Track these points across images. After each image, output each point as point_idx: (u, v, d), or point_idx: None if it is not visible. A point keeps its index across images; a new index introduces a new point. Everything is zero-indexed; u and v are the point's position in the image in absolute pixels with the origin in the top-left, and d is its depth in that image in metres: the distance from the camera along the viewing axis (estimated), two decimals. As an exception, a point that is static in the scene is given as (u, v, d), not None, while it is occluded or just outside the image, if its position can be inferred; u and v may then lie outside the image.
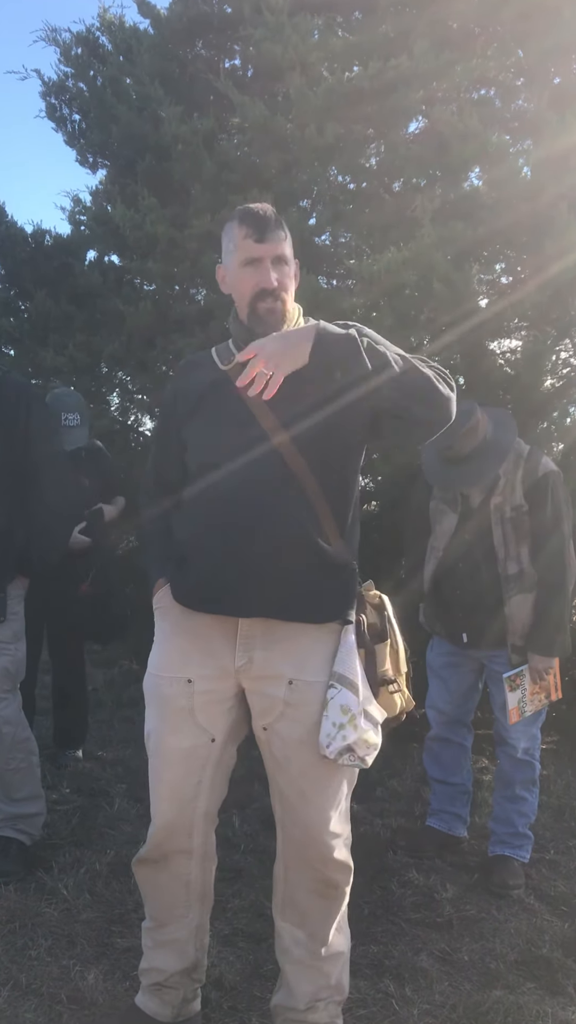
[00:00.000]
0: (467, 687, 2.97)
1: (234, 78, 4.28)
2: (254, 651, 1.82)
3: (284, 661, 1.80)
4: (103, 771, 3.46)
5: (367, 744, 1.75)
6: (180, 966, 1.94)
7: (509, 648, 2.77)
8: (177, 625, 1.88)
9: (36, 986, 2.11)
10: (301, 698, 1.79)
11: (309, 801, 1.83)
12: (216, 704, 1.85)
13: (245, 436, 1.80)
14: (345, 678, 1.76)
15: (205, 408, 1.88)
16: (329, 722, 1.74)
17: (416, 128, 4.30)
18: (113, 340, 4.12)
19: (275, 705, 1.81)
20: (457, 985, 2.22)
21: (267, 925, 2.37)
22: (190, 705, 1.84)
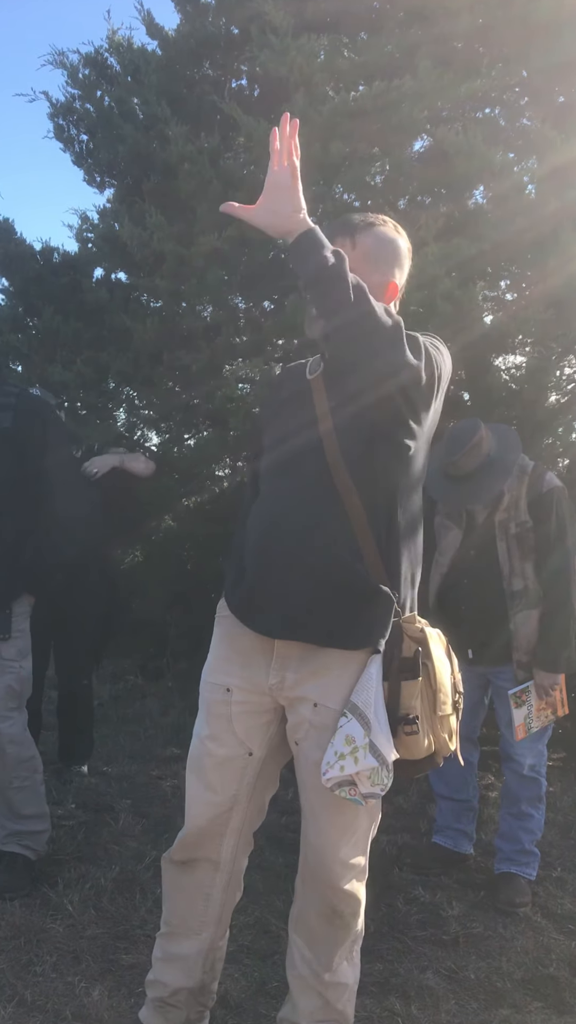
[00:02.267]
0: (473, 704, 2.95)
1: (240, 98, 4.33)
2: (287, 672, 1.81)
3: (312, 684, 1.79)
4: (108, 787, 3.45)
5: (371, 781, 1.67)
6: (186, 985, 1.92)
7: (514, 664, 2.76)
8: (227, 635, 1.90)
9: (41, 1002, 2.10)
10: (323, 722, 1.77)
11: (320, 824, 1.81)
12: (252, 717, 1.84)
13: (303, 446, 1.78)
14: (357, 708, 1.70)
15: (281, 417, 1.88)
16: (332, 750, 1.70)
17: (421, 146, 4.35)
18: (120, 356, 4.15)
19: (302, 724, 1.81)
20: (463, 1004, 2.21)
21: (272, 942, 2.38)
22: (228, 714, 1.84)
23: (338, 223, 1.84)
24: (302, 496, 1.77)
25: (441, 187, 4.11)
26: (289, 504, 1.78)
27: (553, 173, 3.70)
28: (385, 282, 1.79)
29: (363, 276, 1.65)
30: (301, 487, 1.77)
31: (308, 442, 1.78)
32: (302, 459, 1.79)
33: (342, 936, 1.86)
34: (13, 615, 2.63)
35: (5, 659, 2.63)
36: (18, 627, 2.65)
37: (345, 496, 1.74)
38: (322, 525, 1.75)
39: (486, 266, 3.97)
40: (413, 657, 1.76)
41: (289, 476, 1.80)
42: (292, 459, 1.80)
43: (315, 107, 3.80)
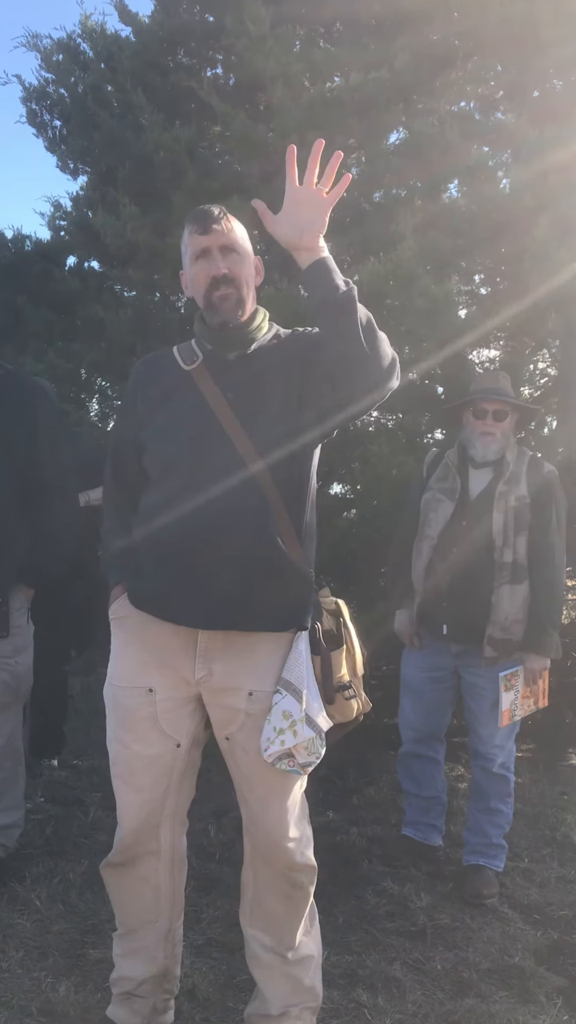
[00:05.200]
0: (443, 703, 2.97)
1: (216, 87, 4.29)
2: (214, 663, 1.81)
3: (244, 673, 1.81)
4: (78, 780, 3.45)
5: (308, 751, 1.76)
6: (149, 973, 1.94)
7: (485, 639, 2.75)
8: (135, 636, 1.87)
9: (7, 999, 2.09)
10: (261, 708, 1.80)
11: (270, 808, 1.84)
12: (178, 710, 1.85)
13: (206, 440, 1.80)
14: (290, 684, 1.77)
15: (165, 410, 1.87)
16: (270, 727, 1.76)
17: (397, 139, 4.33)
18: (93, 347, 4.11)
19: (236, 716, 1.82)
20: (430, 994, 2.23)
21: (240, 936, 2.36)
22: (153, 713, 1.84)
23: (219, 213, 1.84)
24: (216, 487, 1.77)
25: (417, 180, 4.11)
26: (204, 496, 1.77)
27: (528, 169, 3.70)
28: (255, 259, 1.89)
29: (247, 253, 1.85)
30: (213, 478, 1.78)
31: (212, 434, 1.79)
32: (209, 451, 1.79)
33: (302, 909, 1.91)
34: (11, 611, 2.58)
35: (1, 655, 2.59)
36: (15, 623, 2.60)
37: (263, 484, 1.78)
38: (242, 514, 1.77)
39: (461, 260, 3.98)
40: (336, 629, 1.89)
41: (197, 468, 1.79)
42: (196, 452, 1.80)
43: (292, 98, 3.79)
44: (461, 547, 2.81)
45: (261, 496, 1.78)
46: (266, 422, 1.79)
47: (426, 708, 2.96)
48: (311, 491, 1.90)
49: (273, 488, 1.79)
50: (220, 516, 1.77)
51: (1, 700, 2.60)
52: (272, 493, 1.79)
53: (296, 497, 1.84)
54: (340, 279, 1.69)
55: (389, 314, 3.76)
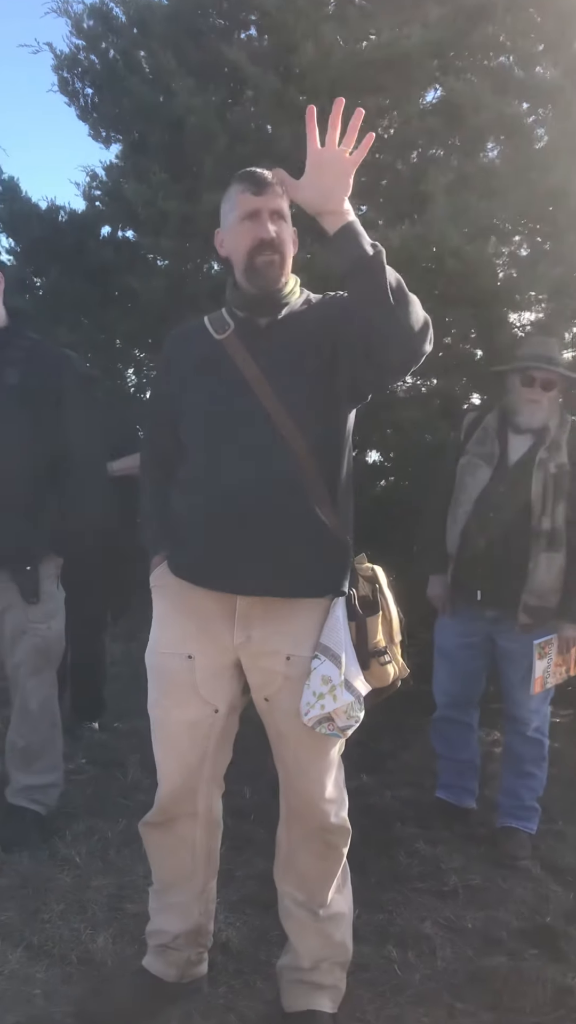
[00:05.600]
0: (476, 669, 2.97)
1: (248, 49, 4.23)
2: (252, 629, 1.84)
3: (282, 637, 1.83)
4: (118, 742, 3.52)
5: (347, 715, 1.78)
6: (184, 928, 2.00)
7: (521, 606, 2.74)
8: (175, 603, 1.91)
9: (48, 948, 2.18)
10: (299, 671, 1.82)
11: (307, 770, 1.87)
12: (217, 677, 1.88)
13: (240, 406, 1.80)
14: (329, 649, 1.79)
15: (199, 380, 1.88)
16: (310, 691, 1.78)
17: (432, 98, 4.24)
18: (127, 317, 4.12)
19: (274, 679, 1.85)
20: (460, 951, 2.26)
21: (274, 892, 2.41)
22: (192, 679, 1.87)
23: (272, 178, 1.81)
24: (252, 456, 1.79)
25: (453, 140, 4.02)
26: (241, 465, 1.79)
27: (567, 124, 3.61)
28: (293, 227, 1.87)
29: (289, 219, 1.83)
30: (249, 448, 1.79)
31: (245, 402, 1.79)
32: (243, 421, 1.80)
33: (335, 868, 1.94)
34: (40, 577, 2.64)
35: (32, 621, 2.66)
36: (46, 590, 2.66)
37: (298, 452, 1.78)
38: (279, 482, 1.78)
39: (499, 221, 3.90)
40: (372, 595, 1.91)
41: (232, 437, 1.80)
42: (230, 422, 1.81)
43: (323, 59, 3.72)
44: (498, 513, 2.79)
45: (296, 463, 1.79)
46: (299, 388, 1.79)
47: (460, 674, 2.96)
48: (347, 457, 1.90)
49: (308, 455, 1.79)
50: (256, 484, 1.78)
51: (34, 664, 2.67)
52: (307, 460, 1.79)
53: (331, 463, 1.85)
54: (367, 242, 1.66)
55: (423, 277, 3.71)
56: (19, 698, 2.73)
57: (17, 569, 2.61)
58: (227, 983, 2.10)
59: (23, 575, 2.62)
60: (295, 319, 1.86)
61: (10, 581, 2.62)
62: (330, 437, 1.84)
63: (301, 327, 1.84)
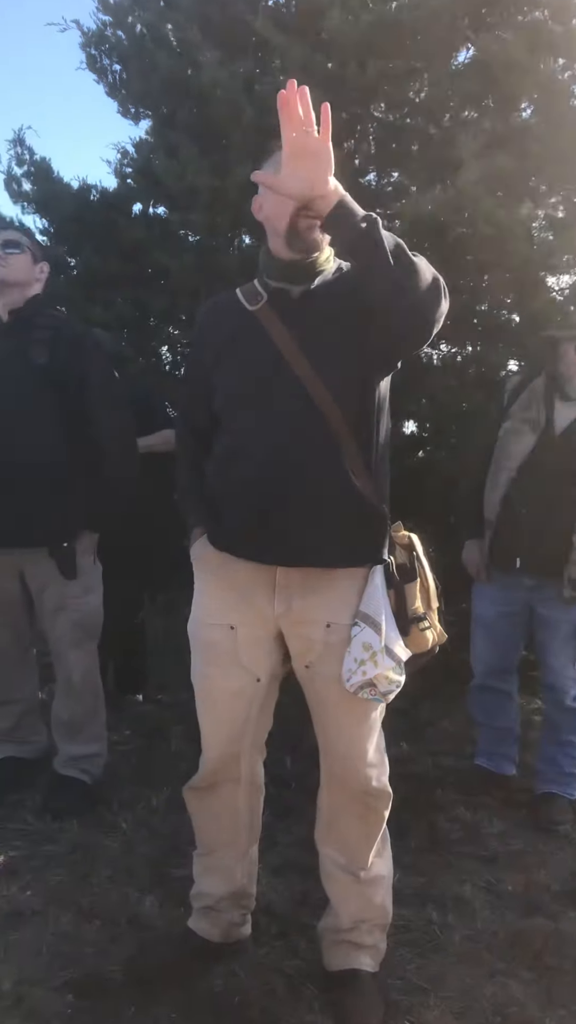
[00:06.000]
0: (515, 637, 2.95)
1: (275, 17, 4.19)
2: (292, 599, 1.86)
3: (321, 606, 1.86)
4: (161, 713, 3.59)
5: (388, 680, 1.80)
6: (227, 890, 2.06)
7: (565, 578, 2.72)
8: (216, 575, 1.93)
9: (98, 910, 2.25)
10: (339, 639, 1.85)
11: (347, 735, 1.90)
12: (258, 646, 1.91)
13: (275, 379, 1.81)
14: (369, 617, 1.81)
15: (233, 353, 1.88)
16: (351, 658, 1.81)
17: (465, 58, 4.15)
18: (160, 294, 4.14)
19: (314, 646, 1.88)
20: (499, 914, 2.29)
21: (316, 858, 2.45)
22: (235, 649, 1.91)
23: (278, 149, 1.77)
24: (288, 427, 1.79)
25: (487, 101, 3.94)
26: (276, 436, 1.80)
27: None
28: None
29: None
30: (284, 417, 1.79)
31: (280, 373, 1.79)
32: (277, 390, 1.80)
33: (376, 831, 1.98)
34: (77, 553, 2.70)
35: (70, 596, 2.72)
36: (83, 565, 2.72)
37: (333, 422, 1.78)
38: (315, 451, 1.79)
39: (534, 183, 3.83)
40: (409, 563, 1.93)
41: (268, 408, 1.81)
42: (265, 393, 1.81)
43: (351, 22, 3.67)
44: (541, 482, 2.76)
45: (332, 433, 1.79)
46: (333, 358, 1.79)
47: (497, 642, 2.96)
48: (383, 425, 1.90)
49: (343, 424, 1.80)
50: (293, 455, 1.79)
51: (74, 638, 2.73)
52: (343, 429, 1.80)
53: (367, 432, 1.85)
54: (360, 216, 1.63)
55: (457, 243, 3.66)
56: (62, 671, 2.80)
57: (54, 546, 2.67)
58: (270, 944, 2.16)
59: (60, 551, 2.67)
60: (328, 288, 1.85)
61: (48, 558, 2.67)
62: (365, 406, 1.84)
63: (334, 296, 1.83)
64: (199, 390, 1.97)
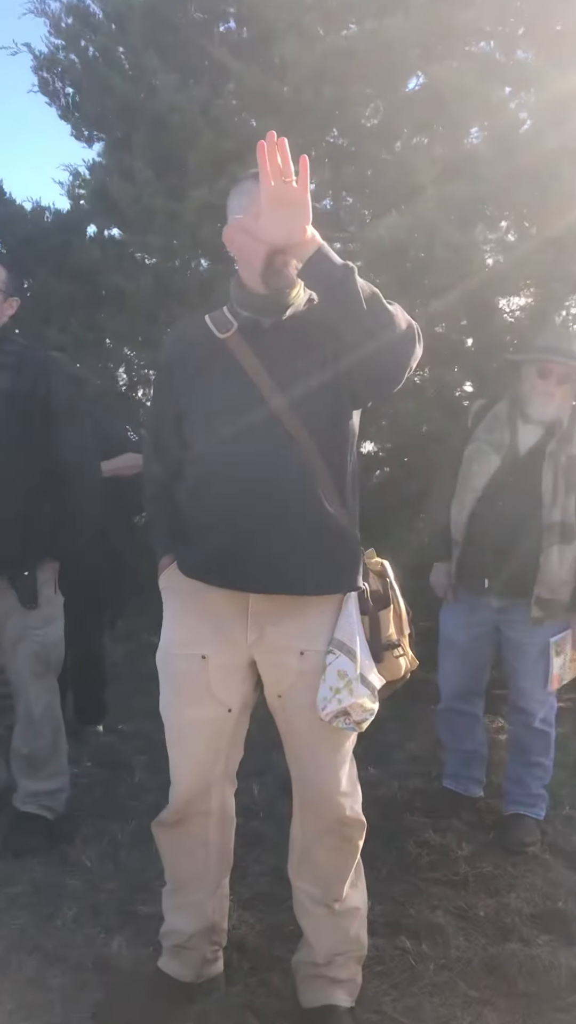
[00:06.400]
0: (483, 659, 2.95)
1: (229, 42, 4.22)
2: (265, 626, 1.84)
3: (295, 634, 1.84)
4: (124, 744, 3.52)
5: (363, 709, 1.80)
6: (198, 927, 2.01)
7: (533, 599, 2.74)
8: (187, 604, 1.90)
9: (62, 953, 2.18)
10: (313, 667, 1.83)
11: (322, 764, 1.88)
12: (231, 676, 1.88)
13: (245, 405, 1.80)
14: (344, 644, 1.81)
15: (203, 379, 1.86)
16: (326, 686, 1.79)
17: (415, 85, 4.22)
18: (116, 316, 4.11)
19: (288, 674, 1.86)
20: (473, 940, 2.27)
21: (286, 888, 2.41)
22: (206, 679, 1.87)
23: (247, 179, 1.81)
24: (259, 454, 1.78)
25: (438, 126, 4.01)
26: (248, 463, 1.79)
27: (551, 107, 3.59)
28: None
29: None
30: (255, 446, 1.78)
31: (251, 401, 1.79)
32: (248, 418, 1.79)
33: (350, 862, 1.96)
34: (38, 583, 2.64)
35: (30, 627, 2.65)
36: (44, 595, 2.66)
37: (306, 450, 1.78)
38: (287, 479, 1.78)
39: (485, 208, 3.89)
40: (383, 589, 1.93)
41: (239, 436, 1.79)
42: (235, 420, 1.79)
43: (306, 49, 3.70)
44: (507, 502, 2.77)
45: (304, 460, 1.79)
46: (304, 387, 1.79)
47: (466, 664, 2.95)
48: (353, 453, 1.90)
49: (316, 452, 1.79)
50: (265, 482, 1.78)
51: (34, 670, 2.67)
52: (315, 457, 1.79)
53: (339, 460, 1.85)
54: (337, 265, 1.64)
55: (413, 267, 3.70)
56: (22, 705, 2.73)
57: (15, 575, 2.61)
58: (243, 981, 2.11)
59: (21, 581, 2.61)
60: (298, 319, 1.85)
61: (8, 587, 2.61)
62: (336, 434, 1.83)
63: (304, 327, 1.83)
64: (167, 416, 1.94)
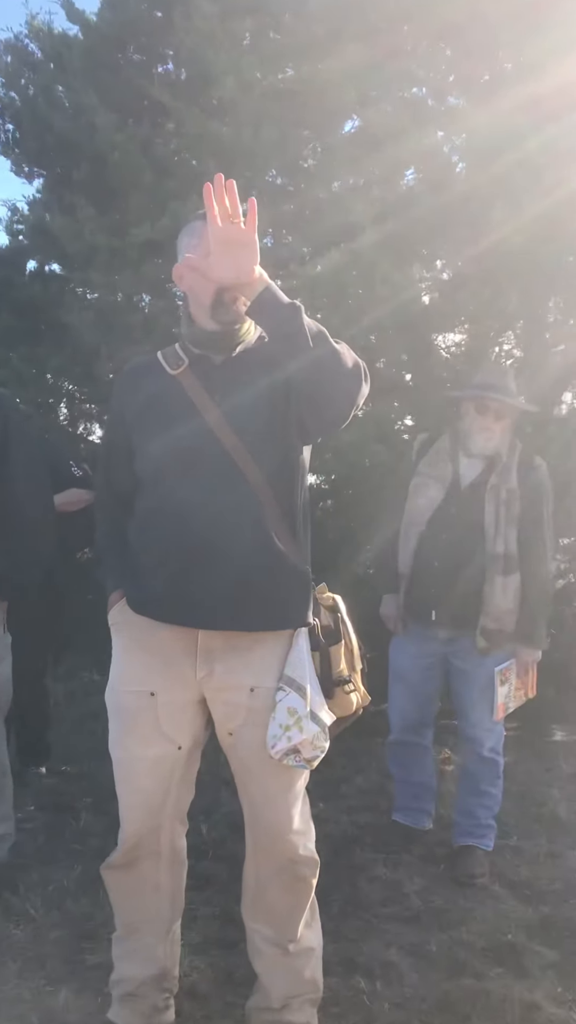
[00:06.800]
0: (432, 690, 2.98)
1: (168, 83, 4.27)
2: (215, 663, 1.83)
3: (245, 670, 1.83)
4: (68, 786, 3.43)
5: (314, 746, 1.79)
6: (149, 973, 1.96)
7: (479, 630, 2.77)
8: (135, 640, 1.89)
9: (6, 1010, 2.10)
10: (263, 704, 1.82)
11: (274, 803, 1.86)
12: (180, 713, 1.87)
13: (195, 441, 1.80)
14: (294, 681, 1.80)
15: (154, 415, 1.86)
16: (276, 724, 1.78)
17: (351, 128, 4.34)
18: (57, 351, 4.09)
19: (239, 712, 1.84)
20: (426, 976, 2.26)
21: (238, 931, 2.39)
22: (155, 716, 1.85)
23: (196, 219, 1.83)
24: (210, 490, 1.79)
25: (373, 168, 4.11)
26: (199, 499, 1.79)
27: (481, 151, 3.72)
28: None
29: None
30: (207, 481, 1.79)
31: (202, 437, 1.79)
32: (199, 454, 1.80)
33: (304, 901, 1.93)
34: None
35: None
36: None
37: (254, 485, 1.79)
38: (237, 514, 1.79)
39: (421, 247, 4.00)
40: (334, 624, 1.92)
41: (189, 472, 1.80)
42: (187, 456, 1.80)
43: (244, 92, 3.77)
44: (451, 535, 2.82)
45: (254, 496, 1.79)
46: (254, 423, 1.80)
47: (416, 696, 2.97)
48: (303, 488, 1.91)
49: (265, 488, 1.80)
50: (215, 518, 1.78)
51: None
52: (264, 493, 1.80)
53: (289, 495, 1.85)
54: (284, 303, 1.67)
55: (353, 304, 3.77)
56: None
57: None
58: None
59: None
60: (249, 356, 1.86)
61: None
62: (285, 470, 1.84)
63: (255, 364, 1.84)
64: (119, 451, 1.94)
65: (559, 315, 4.23)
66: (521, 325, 4.23)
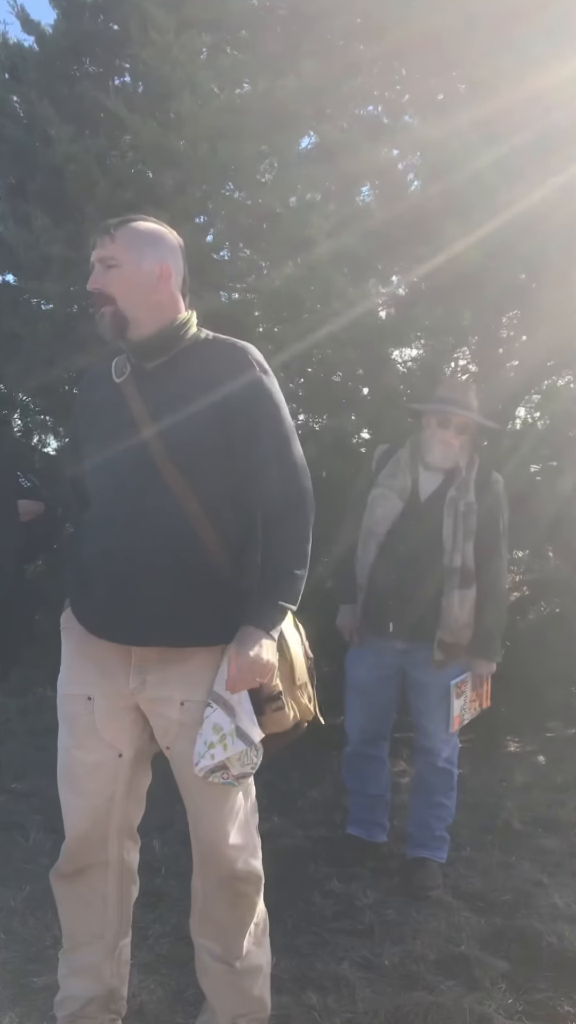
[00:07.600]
0: (389, 701, 2.98)
1: (124, 96, 4.26)
2: (147, 675, 1.82)
3: (176, 684, 1.81)
4: (17, 804, 3.37)
5: (241, 763, 1.77)
6: (95, 992, 1.92)
7: (436, 643, 2.78)
8: (79, 646, 1.88)
9: (-51, 1036, 2.04)
10: (193, 718, 1.80)
11: (208, 817, 1.85)
12: (117, 719, 1.85)
13: (129, 454, 1.78)
14: (220, 697, 1.78)
15: (98, 423, 1.86)
16: (201, 740, 1.77)
17: (308, 144, 4.37)
18: (11, 361, 4.04)
19: (171, 726, 1.83)
20: (379, 991, 2.25)
21: (189, 949, 2.34)
22: (92, 722, 1.85)
23: (99, 227, 1.83)
24: (138, 502, 1.77)
25: (330, 183, 4.15)
26: (127, 512, 1.78)
27: (435, 168, 3.77)
28: (157, 267, 1.79)
29: (132, 264, 1.76)
30: (135, 493, 1.77)
31: (133, 448, 1.78)
32: (130, 465, 1.78)
33: (248, 917, 1.90)
34: None
35: None
36: None
37: (181, 497, 1.76)
38: (166, 530, 1.76)
39: (377, 262, 4.04)
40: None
41: (121, 484, 1.79)
42: (120, 466, 1.79)
43: (200, 106, 3.78)
44: (409, 547, 2.82)
45: (183, 511, 1.76)
46: (188, 435, 1.77)
47: (373, 707, 2.96)
48: (249, 496, 1.84)
49: (195, 502, 1.76)
50: (144, 533, 1.76)
51: None
52: (193, 506, 1.76)
53: (225, 508, 1.81)
54: (279, 617, 1.80)
55: (310, 317, 3.79)
56: None
57: None
58: (143, 1051, 2.02)
59: None
60: (185, 362, 1.83)
61: None
62: (223, 482, 1.80)
63: (191, 371, 1.81)
64: (79, 459, 1.93)
65: (512, 331, 4.30)
66: (475, 340, 4.29)
